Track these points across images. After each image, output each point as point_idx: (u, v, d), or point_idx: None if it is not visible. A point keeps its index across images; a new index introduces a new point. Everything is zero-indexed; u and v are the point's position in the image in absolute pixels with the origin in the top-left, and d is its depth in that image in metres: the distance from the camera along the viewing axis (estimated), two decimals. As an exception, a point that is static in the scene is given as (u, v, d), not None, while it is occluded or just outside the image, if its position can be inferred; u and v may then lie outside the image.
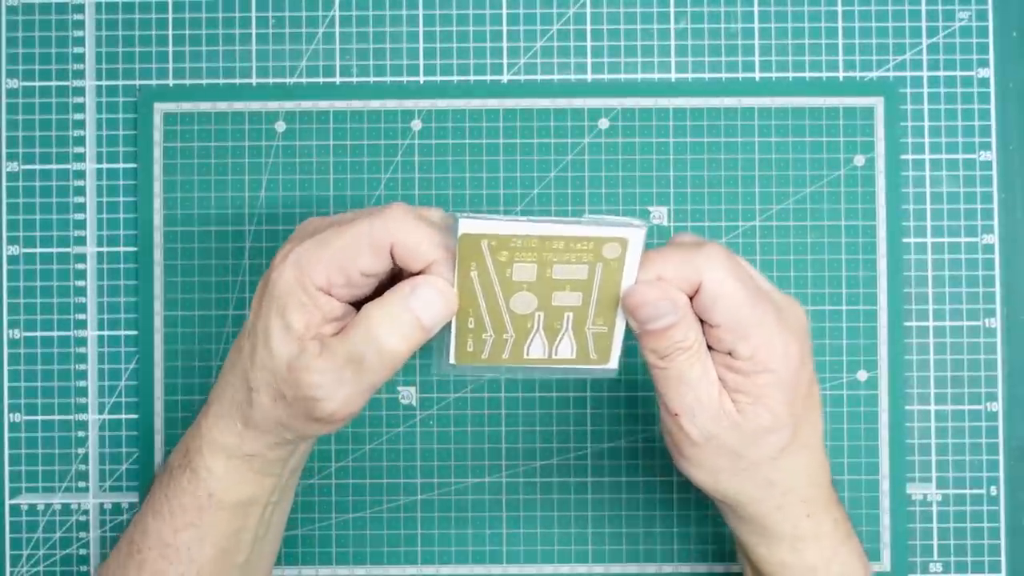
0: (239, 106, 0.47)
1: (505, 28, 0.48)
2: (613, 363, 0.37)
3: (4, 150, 0.47)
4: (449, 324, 0.35)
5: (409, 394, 0.47)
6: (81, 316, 0.47)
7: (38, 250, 0.47)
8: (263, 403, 0.36)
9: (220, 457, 0.38)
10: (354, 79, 0.47)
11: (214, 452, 0.38)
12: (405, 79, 0.47)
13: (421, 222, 0.34)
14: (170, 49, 0.48)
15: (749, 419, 0.35)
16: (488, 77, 0.47)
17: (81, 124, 0.47)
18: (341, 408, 0.35)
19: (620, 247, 0.34)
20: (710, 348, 0.36)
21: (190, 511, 0.38)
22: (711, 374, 0.35)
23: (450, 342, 0.36)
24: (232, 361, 0.38)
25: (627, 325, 0.36)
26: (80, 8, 0.48)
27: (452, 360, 0.36)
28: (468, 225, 0.33)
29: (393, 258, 0.34)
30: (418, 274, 0.35)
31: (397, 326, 0.34)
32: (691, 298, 0.35)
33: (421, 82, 0.47)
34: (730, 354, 0.35)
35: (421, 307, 0.34)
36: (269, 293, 0.35)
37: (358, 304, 0.35)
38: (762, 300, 0.35)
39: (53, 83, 0.47)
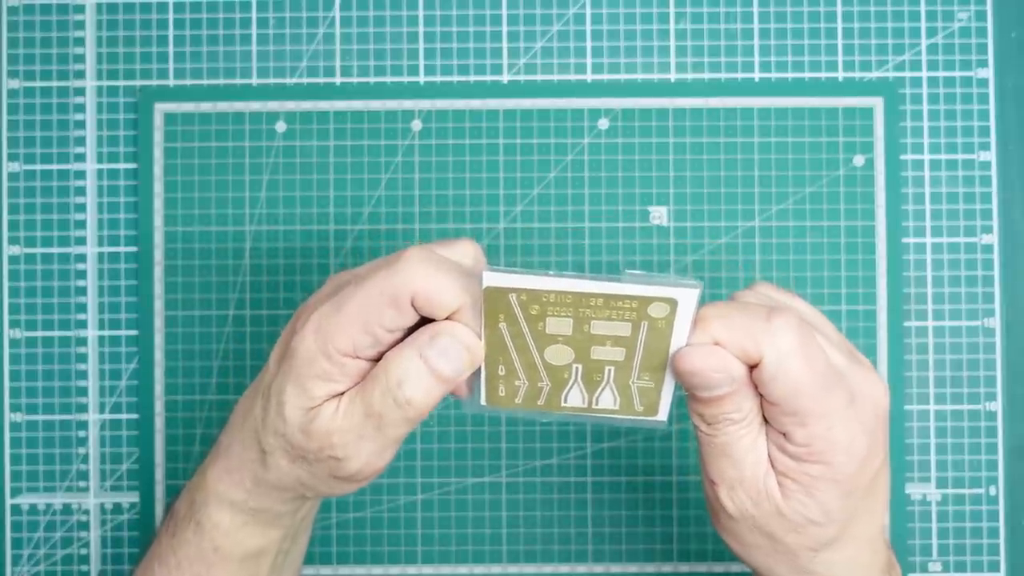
0: (239, 106, 0.47)
1: (505, 28, 0.48)
2: (662, 415, 0.34)
3: (5, 150, 0.47)
4: (479, 370, 0.33)
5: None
6: (81, 316, 0.47)
7: (39, 250, 0.47)
8: (280, 465, 0.34)
9: (226, 511, 0.35)
10: (354, 79, 0.48)
11: (220, 506, 0.36)
12: (405, 79, 0.48)
13: (441, 267, 0.31)
14: (171, 49, 0.48)
15: (794, 507, 0.32)
16: (488, 77, 0.47)
17: (82, 124, 0.47)
18: (366, 467, 0.33)
19: (669, 307, 0.30)
20: (765, 421, 0.32)
21: (196, 564, 0.36)
22: (760, 450, 0.32)
23: (480, 385, 0.33)
24: (242, 415, 0.35)
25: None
26: (81, 8, 0.48)
27: (483, 401, 0.34)
28: (493, 279, 0.30)
29: (416, 310, 0.32)
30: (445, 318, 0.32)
31: (415, 378, 0.31)
32: (751, 368, 0.31)
33: (421, 82, 0.47)
34: (785, 435, 0.32)
35: (440, 359, 0.31)
36: (289, 359, 0.32)
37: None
38: (831, 385, 0.31)
39: (54, 83, 0.47)
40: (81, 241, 0.47)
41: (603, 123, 0.47)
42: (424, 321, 0.32)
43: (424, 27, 0.48)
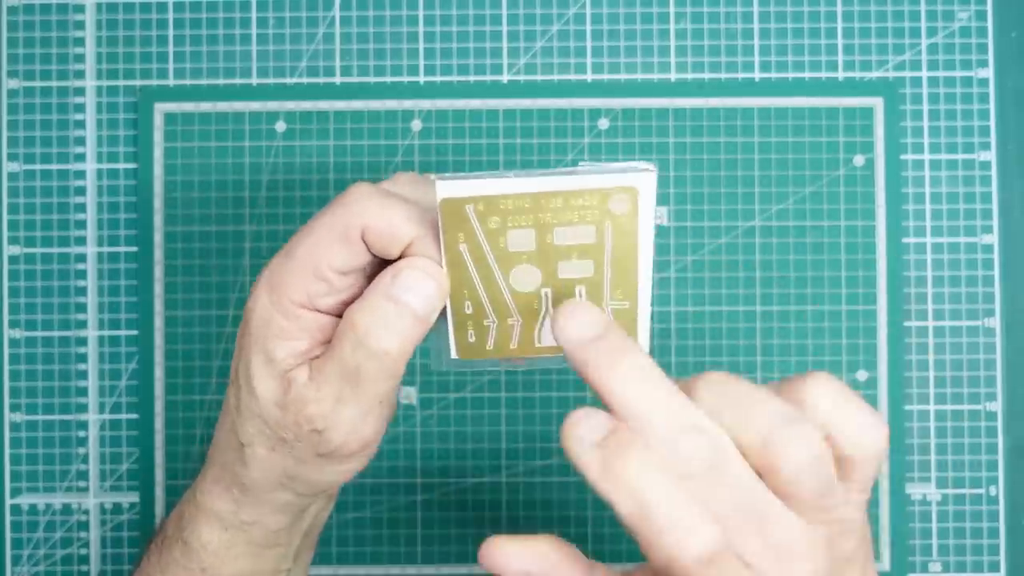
0: (239, 106, 0.47)
1: (505, 28, 0.48)
2: (643, 345, 0.31)
3: (5, 150, 0.47)
4: (445, 313, 0.31)
5: (409, 394, 0.47)
6: (81, 316, 0.47)
7: (39, 250, 0.47)
8: (259, 456, 0.31)
9: (215, 528, 0.33)
10: (354, 79, 0.48)
11: (209, 522, 0.33)
12: (405, 79, 0.48)
13: (389, 199, 0.30)
14: (171, 49, 0.48)
15: None
16: (488, 77, 0.47)
17: (82, 124, 0.47)
18: (350, 435, 0.31)
19: (629, 200, 0.29)
20: None
21: None
22: None
23: (448, 333, 0.31)
24: (221, 416, 0.33)
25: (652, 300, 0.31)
26: (81, 8, 0.48)
27: (454, 354, 0.32)
28: (447, 188, 0.29)
29: (369, 247, 0.30)
30: (399, 259, 0.30)
31: (386, 323, 0.29)
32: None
33: (421, 82, 0.47)
34: None
35: (407, 294, 0.29)
36: (246, 327, 0.31)
37: None
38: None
39: (54, 83, 0.47)
40: (81, 241, 0.47)
41: (603, 123, 0.47)
42: (377, 272, 0.31)
43: (424, 27, 0.48)
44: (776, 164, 0.47)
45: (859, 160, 0.47)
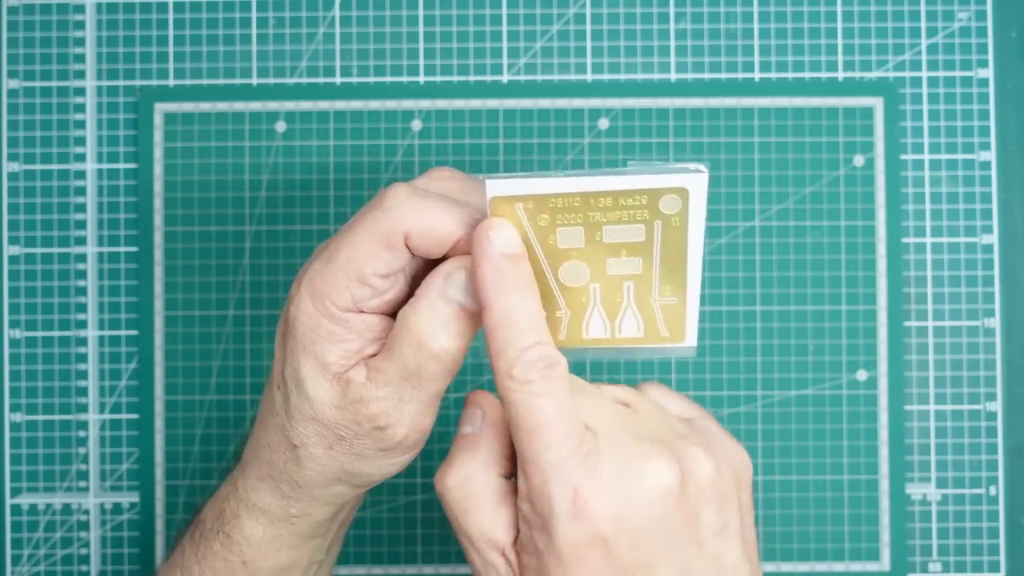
0: (239, 106, 0.47)
1: (505, 28, 0.48)
2: (690, 340, 0.32)
3: (5, 150, 0.47)
4: None
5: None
6: (82, 316, 0.47)
7: (39, 250, 0.47)
8: (316, 456, 0.32)
9: (262, 523, 0.34)
10: (354, 79, 0.48)
11: (254, 517, 0.34)
12: (405, 79, 0.48)
13: (429, 199, 0.30)
14: (171, 49, 0.48)
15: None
16: (488, 77, 0.47)
17: (82, 124, 0.47)
18: (412, 429, 0.31)
19: (680, 200, 0.29)
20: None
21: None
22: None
23: None
24: (263, 418, 0.33)
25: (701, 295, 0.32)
26: (81, 8, 0.48)
27: None
28: (497, 187, 0.29)
29: (412, 251, 0.30)
30: (444, 258, 0.30)
31: (442, 324, 0.29)
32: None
33: (421, 82, 0.47)
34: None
35: (463, 295, 0.30)
36: (291, 333, 0.31)
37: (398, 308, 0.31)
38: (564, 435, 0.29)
39: (54, 83, 0.47)
40: (81, 241, 0.47)
41: (603, 123, 0.47)
42: (418, 268, 0.31)
43: (424, 27, 0.48)
44: (776, 164, 0.47)
45: (859, 160, 0.47)
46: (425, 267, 0.31)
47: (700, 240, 0.30)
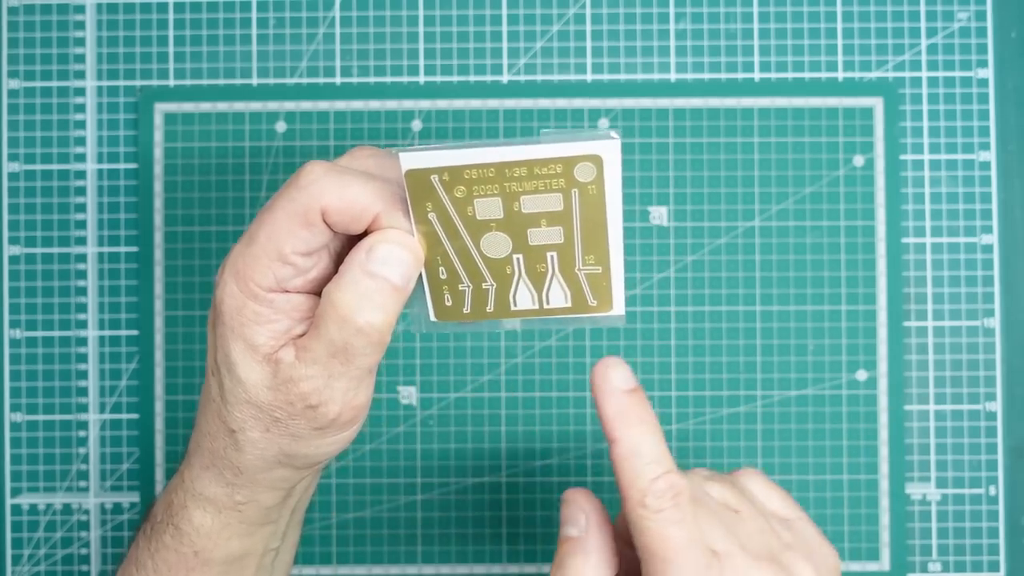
0: (240, 106, 0.47)
1: (505, 28, 0.48)
2: (618, 309, 0.32)
3: (5, 150, 0.47)
4: (421, 279, 0.31)
5: (409, 394, 0.47)
6: (82, 316, 0.47)
7: (39, 250, 0.47)
8: (254, 440, 0.32)
9: (209, 512, 0.34)
10: (354, 79, 0.48)
11: (201, 506, 0.34)
12: (405, 79, 0.48)
13: (346, 176, 0.30)
14: (171, 49, 0.48)
15: None
16: (488, 77, 0.47)
17: (82, 124, 0.47)
18: (345, 406, 0.31)
19: (595, 168, 0.28)
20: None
21: (176, 568, 0.34)
22: None
23: (426, 298, 0.32)
24: (202, 406, 0.33)
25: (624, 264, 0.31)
26: (81, 8, 0.48)
27: (433, 317, 0.32)
28: (410, 160, 0.28)
29: (331, 227, 0.30)
30: (366, 234, 0.30)
31: (368, 298, 0.29)
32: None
33: (421, 82, 0.48)
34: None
35: (384, 267, 0.30)
36: (219, 318, 0.31)
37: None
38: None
39: (54, 83, 0.48)
40: (81, 241, 0.47)
41: (603, 123, 0.47)
42: (341, 246, 0.31)
43: (424, 27, 0.48)
44: (776, 164, 0.47)
45: (859, 160, 0.47)
46: (348, 244, 0.31)
47: (619, 208, 0.29)
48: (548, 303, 0.32)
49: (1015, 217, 0.47)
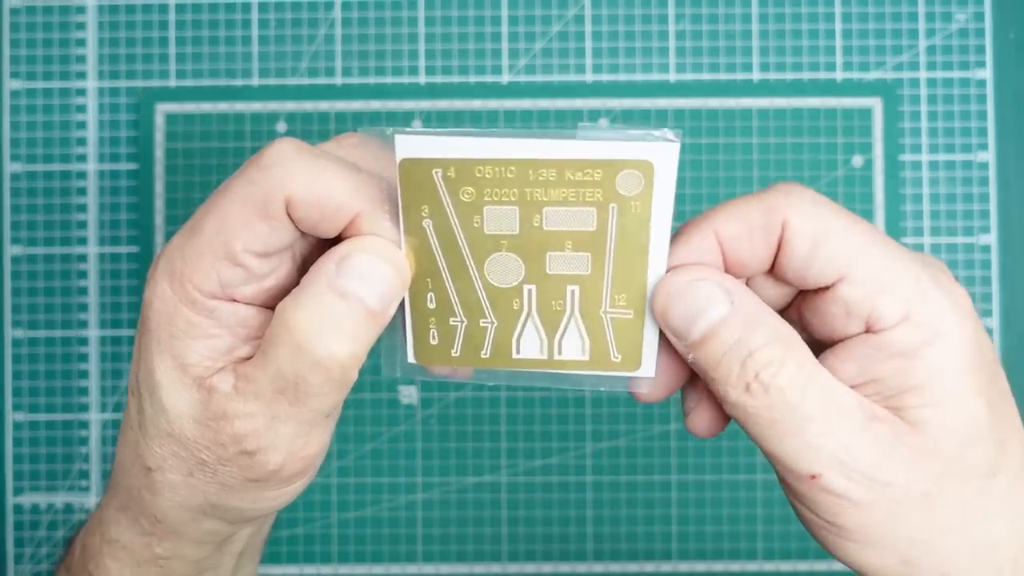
0: (240, 107, 0.47)
1: (505, 28, 0.48)
2: (647, 369, 0.25)
3: (7, 150, 0.48)
4: (403, 306, 0.25)
5: (409, 394, 0.47)
6: (83, 316, 0.47)
7: (40, 250, 0.47)
8: (174, 484, 0.25)
9: (125, 564, 0.26)
10: (355, 80, 0.48)
11: (116, 557, 0.27)
12: (405, 79, 0.48)
13: (322, 161, 0.23)
14: (172, 50, 0.48)
15: (933, 430, 0.22)
16: (488, 78, 0.48)
17: (83, 125, 0.48)
18: (290, 457, 0.24)
19: (642, 177, 0.22)
20: (816, 348, 0.23)
21: None
22: (836, 386, 0.22)
23: (406, 331, 0.25)
24: (122, 432, 0.26)
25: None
26: (82, 9, 0.48)
27: (411, 358, 0.26)
28: (409, 146, 0.23)
29: (296, 224, 0.23)
30: (339, 240, 0.24)
31: (332, 323, 0.23)
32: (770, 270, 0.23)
33: (421, 83, 0.48)
34: (868, 330, 0.22)
35: (359, 285, 0.23)
36: (144, 325, 0.24)
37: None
38: (888, 238, 0.23)
39: (55, 84, 0.48)
40: (83, 241, 0.47)
41: (603, 123, 0.47)
42: (309, 251, 0.25)
43: (424, 28, 0.48)
44: (775, 164, 0.47)
45: (857, 161, 0.47)
46: (318, 250, 0.25)
47: (666, 233, 0.23)
48: (560, 353, 0.25)
49: (1013, 217, 0.47)
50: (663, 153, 0.22)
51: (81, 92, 0.48)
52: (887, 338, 0.22)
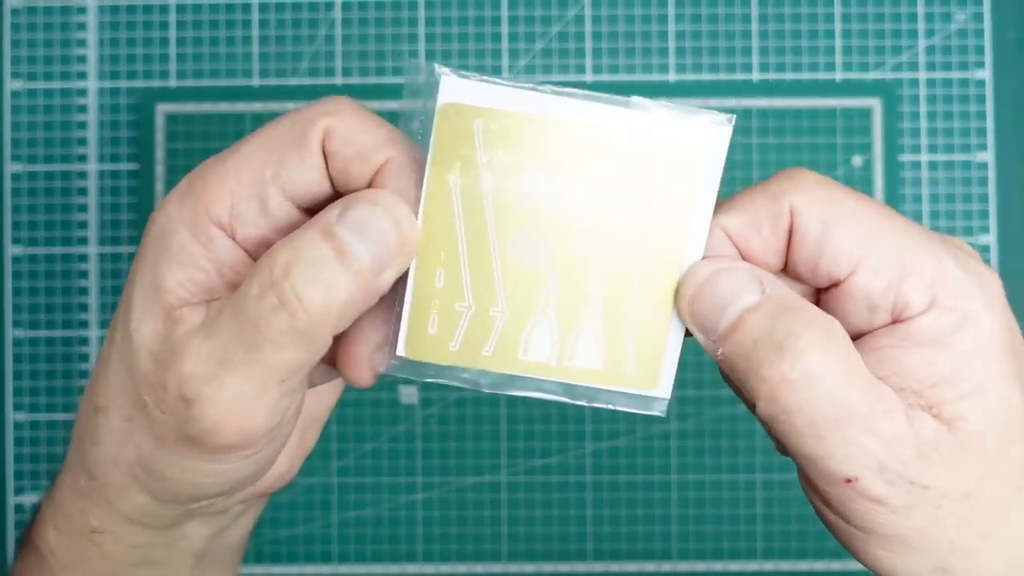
0: (241, 107, 0.47)
1: (505, 29, 0.48)
2: (663, 389, 0.22)
3: (8, 151, 0.48)
4: (405, 281, 0.22)
5: (410, 393, 0.47)
6: (84, 316, 0.47)
7: (41, 250, 0.47)
8: (113, 428, 0.23)
9: (63, 531, 0.25)
10: (355, 80, 0.48)
11: (55, 521, 0.25)
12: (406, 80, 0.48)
13: (369, 113, 0.23)
14: (172, 50, 0.48)
15: (973, 425, 0.20)
16: (488, 78, 0.48)
17: (84, 125, 0.48)
18: (227, 417, 0.22)
19: (694, 159, 0.20)
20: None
21: None
22: (871, 380, 0.20)
23: (402, 313, 0.22)
24: (89, 381, 0.26)
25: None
26: (83, 9, 0.48)
27: (401, 350, 0.22)
28: (455, 89, 0.21)
29: (328, 160, 0.23)
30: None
31: (314, 266, 0.21)
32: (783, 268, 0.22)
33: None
34: (895, 321, 0.21)
35: (355, 237, 0.21)
36: (141, 246, 0.24)
37: None
38: (903, 217, 0.22)
39: (56, 84, 0.48)
40: (83, 241, 0.47)
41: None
42: None
43: (424, 28, 0.48)
44: (775, 165, 0.47)
45: (857, 161, 0.47)
46: None
47: (704, 231, 0.21)
48: (571, 359, 0.22)
49: (1012, 217, 0.47)
50: (714, 137, 0.21)
51: (82, 92, 0.48)
52: (915, 327, 0.21)
